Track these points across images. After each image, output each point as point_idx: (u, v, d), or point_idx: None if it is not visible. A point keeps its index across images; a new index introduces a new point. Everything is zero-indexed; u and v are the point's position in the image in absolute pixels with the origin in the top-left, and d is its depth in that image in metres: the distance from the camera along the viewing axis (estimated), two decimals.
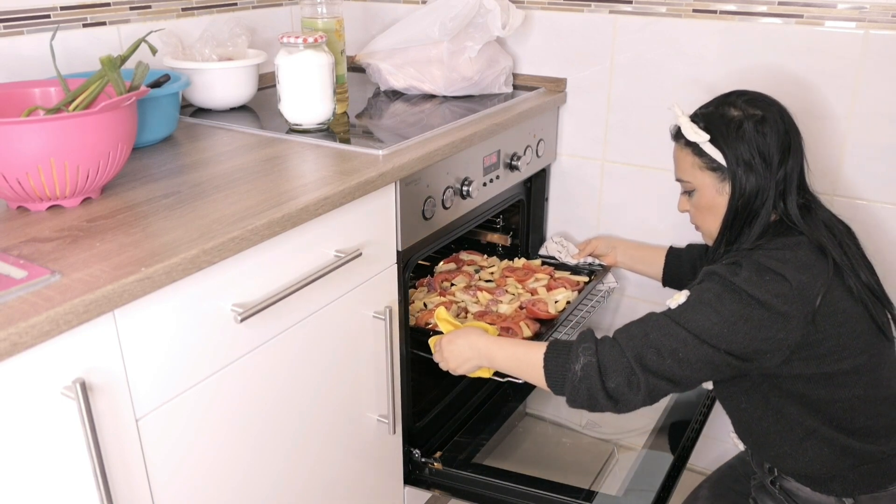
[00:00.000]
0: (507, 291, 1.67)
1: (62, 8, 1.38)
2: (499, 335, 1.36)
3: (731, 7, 1.53)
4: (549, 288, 1.68)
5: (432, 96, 1.69)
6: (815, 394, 1.13)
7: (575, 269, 1.77)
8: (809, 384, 1.13)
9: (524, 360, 1.19)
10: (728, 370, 1.11)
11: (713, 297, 1.10)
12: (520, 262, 1.81)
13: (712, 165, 1.18)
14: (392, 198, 1.27)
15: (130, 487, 0.92)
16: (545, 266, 1.79)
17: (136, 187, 1.10)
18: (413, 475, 1.50)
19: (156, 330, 0.90)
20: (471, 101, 1.65)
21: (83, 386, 0.81)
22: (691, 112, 1.24)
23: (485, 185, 1.54)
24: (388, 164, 1.21)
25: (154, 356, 0.91)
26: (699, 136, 1.17)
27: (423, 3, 1.82)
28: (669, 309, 1.14)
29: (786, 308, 1.06)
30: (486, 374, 1.30)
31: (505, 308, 1.58)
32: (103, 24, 1.45)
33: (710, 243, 1.26)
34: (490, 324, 1.48)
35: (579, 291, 1.67)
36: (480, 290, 1.66)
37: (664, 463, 1.44)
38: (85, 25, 1.42)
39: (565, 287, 1.67)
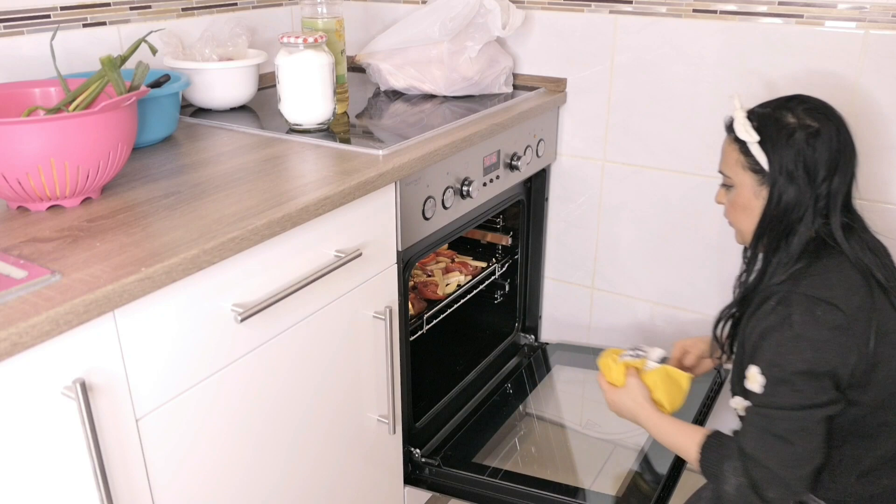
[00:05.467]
0: None
1: (62, 8, 1.38)
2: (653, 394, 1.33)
3: (732, 7, 1.53)
4: (446, 271, 1.77)
5: (432, 96, 1.69)
6: (870, 419, 1.11)
7: (476, 256, 1.89)
8: (865, 410, 1.10)
9: (680, 450, 1.22)
10: (841, 408, 1.09)
11: (783, 359, 1.07)
12: None
13: (755, 167, 1.14)
14: (392, 198, 1.27)
15: (130, 487, 0.92)
16: (450, 250, 1.90)
17: (136, 187, 1.10)
18: (413, 475, 1.50)
19: (156, 330, 0.90)
20: (471, 101, 1.65)
21: (83, 386, 0.81)
22: (750, 106, 1.19)
23: (485, 185, 1.54)
24: (388, 164, 1.21)
25: (154, 356, 0.91)
26: (749, 136, 1.13)
27: (424, 3, 1.81)
28: (756, 395, 1.10)
29: (844, 339, 1.05)
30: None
31: None
32: (103, 24, 1.45)
33: (741, 241, 1.24)
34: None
35: (474, 276, 1.79)
36: None
37: (664, 463, 1.44)
38: (85, 25, 1.42)
39: (460, 272, 1.77)
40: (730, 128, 1.19)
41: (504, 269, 1.91)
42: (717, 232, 1.68)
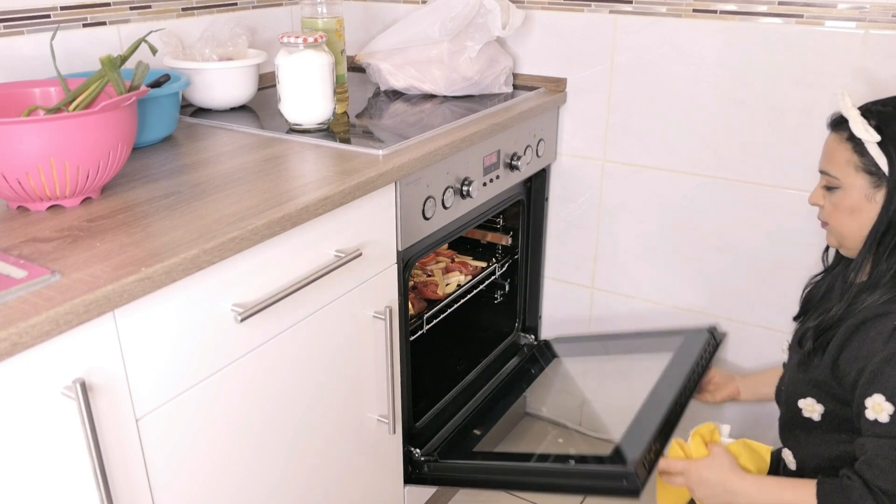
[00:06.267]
0: None
1: (62, 8, 1.38)
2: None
3: (731, 7, 1.53)
4: (446, 271, 1.77)
5: (432, 96, 1.69)
6: None
7: (476, 256, 1.89)
8: None
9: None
10: None
11: None
12: None
13: (870, 169, 1.07)
14: (392, 198, 1.27)
15: (130, 487, 0.92)
16: (450, 250, 1.90)
17: (136, 187, 1.10)
18: (413, 475, 1.50)
19: (156, 330, 0.90)
20: (471, 101, 1.65)
21: (83, 386, 0.81)
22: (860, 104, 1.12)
23: (485, 185, 1.54)
24: (388, 164, 1.21)
25: (154, 356, 0.91)
26: (869, 135, 1.05)
27: (424, 3, 1.81)
28: (883, 425, 1.02)
29: None
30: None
31: None
32: (103, 24, 1.45)
33: (836, 245, 1.17)
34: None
35: (474, 276, 1.78)
36: None
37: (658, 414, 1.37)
38: (85, 25, 1.42)
39: (460, 271, 1.77)
40: (837, 124, 1.12)
41: (504, 269, 1.91)
42: (716, 232, 1.68)
